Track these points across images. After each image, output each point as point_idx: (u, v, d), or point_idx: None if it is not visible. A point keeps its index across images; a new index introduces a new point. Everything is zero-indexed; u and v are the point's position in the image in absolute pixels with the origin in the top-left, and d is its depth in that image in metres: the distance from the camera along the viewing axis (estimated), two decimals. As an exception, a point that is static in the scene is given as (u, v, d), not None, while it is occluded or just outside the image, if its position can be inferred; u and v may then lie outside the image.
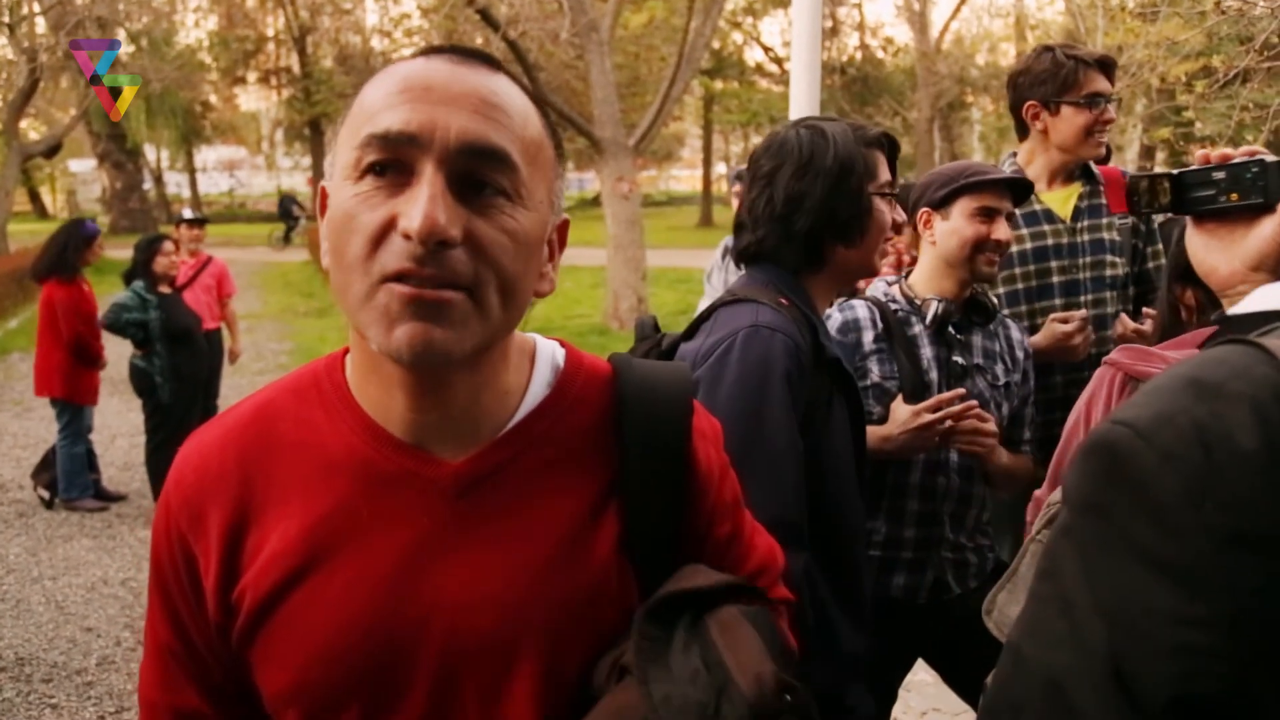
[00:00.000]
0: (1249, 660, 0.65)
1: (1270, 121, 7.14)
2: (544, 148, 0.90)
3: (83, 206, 34.53)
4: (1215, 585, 0.65)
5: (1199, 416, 0.67)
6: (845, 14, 32.47)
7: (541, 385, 0.98)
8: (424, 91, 0.83)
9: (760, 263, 1.76)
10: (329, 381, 0.96)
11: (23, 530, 5.60)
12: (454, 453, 0.92)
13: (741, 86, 30.83)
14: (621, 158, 11.27)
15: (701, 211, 32.63)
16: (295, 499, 0.91)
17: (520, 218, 0.85)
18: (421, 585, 0.89)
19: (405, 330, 0.80)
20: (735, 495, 1.07)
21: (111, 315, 5.60)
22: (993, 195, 2.14)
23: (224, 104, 38.84)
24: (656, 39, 16.53)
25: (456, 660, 0.89)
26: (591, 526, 0.93)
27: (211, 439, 0.97)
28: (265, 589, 0.90)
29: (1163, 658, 0.67)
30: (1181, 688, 0.67)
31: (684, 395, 1.01)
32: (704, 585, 0.92)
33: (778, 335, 1.57)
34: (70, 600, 4.67)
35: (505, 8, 10.93)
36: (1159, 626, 0.67)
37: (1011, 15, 26.96)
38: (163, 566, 0.96)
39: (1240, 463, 0.65)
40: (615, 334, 11.25)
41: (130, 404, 6.54)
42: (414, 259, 0.79)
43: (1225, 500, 0.65)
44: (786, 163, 1.71)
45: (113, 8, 13.68)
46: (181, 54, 27.13)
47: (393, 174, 0.82)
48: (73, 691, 3.81)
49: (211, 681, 0.97)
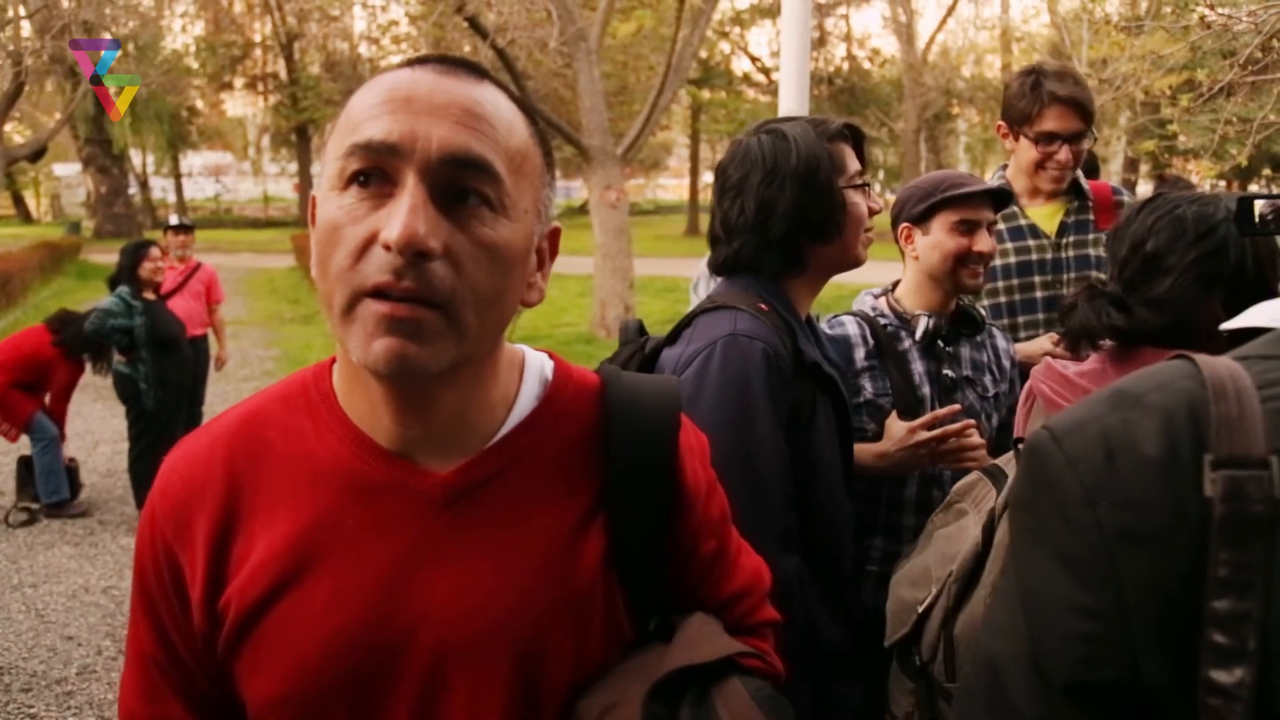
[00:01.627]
0: (1140, 651, 0.71)
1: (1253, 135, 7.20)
2: (530, 156, 0.89)
3: (67, 211, 34.32)
4: (1105, 578, 0.72)
5: (1109, 424, 0.74)
6: (833, 25, 32.68)
7: (530, 397, 0.97)
8: (406, 102, 0.83)
9: (740, 273, 1.75)
10: (317, 391, 0.96)
11: (2, 537, 5.55)
12: (441, 464, 0.92)
13: (729, 96, 30.93)
14: (609, 166, 11.28)
15: (688, 220, 32.66)
16: (282, 508, 0.91)
17: (502, 229, 0.85)
18: (408, 595, 0.89)
19: (382, 345, 0.80)
20: (722, 512, 1.07)
21: (96, 321, 5.54)
22: (972, 207, 2.13)
23: (210, 109, 38.76)
24: (645, 48, 16.57)
25: (442, 670, 0.89)
26: (578, 539, 0.93)
27: (198, 447, 0.96)
28: (251, 598, 0.89)
29: (1064, 644, 0.74)
30: (1080, 674, 0.73)
31: (671, 410, 1.01)
32: (709, 659, 0.91)
33: (756, 343, 1.57)
34: (51, 608, 4.62)
35: (493, 16, 10.93)
36: (1061, 615, 0.74)
37: (997, 28, 27.16)
38: (147, 575, 0.95)
39: (1139, 468, 0.72)
40: (602, 342, 11.24)
41: (114, 410, 6.49)
42: (393, 271, 0.79)
43: (1119, 501, 0.71)
44: (753, 171, 1.71)
45: (99, 12, 13.63)
46: (168, 59, 27.05)
47: (376, 184, 0.82)
48: (53, 701, 3.77)
49: (195, 692, 0.96)
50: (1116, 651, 0.73)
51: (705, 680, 0.90)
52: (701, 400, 1.54)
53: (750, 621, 1.08)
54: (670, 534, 0.99)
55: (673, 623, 0.98)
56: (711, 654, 0.92)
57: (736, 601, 1.07)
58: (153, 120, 28.96)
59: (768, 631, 1.11)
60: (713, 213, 1.82)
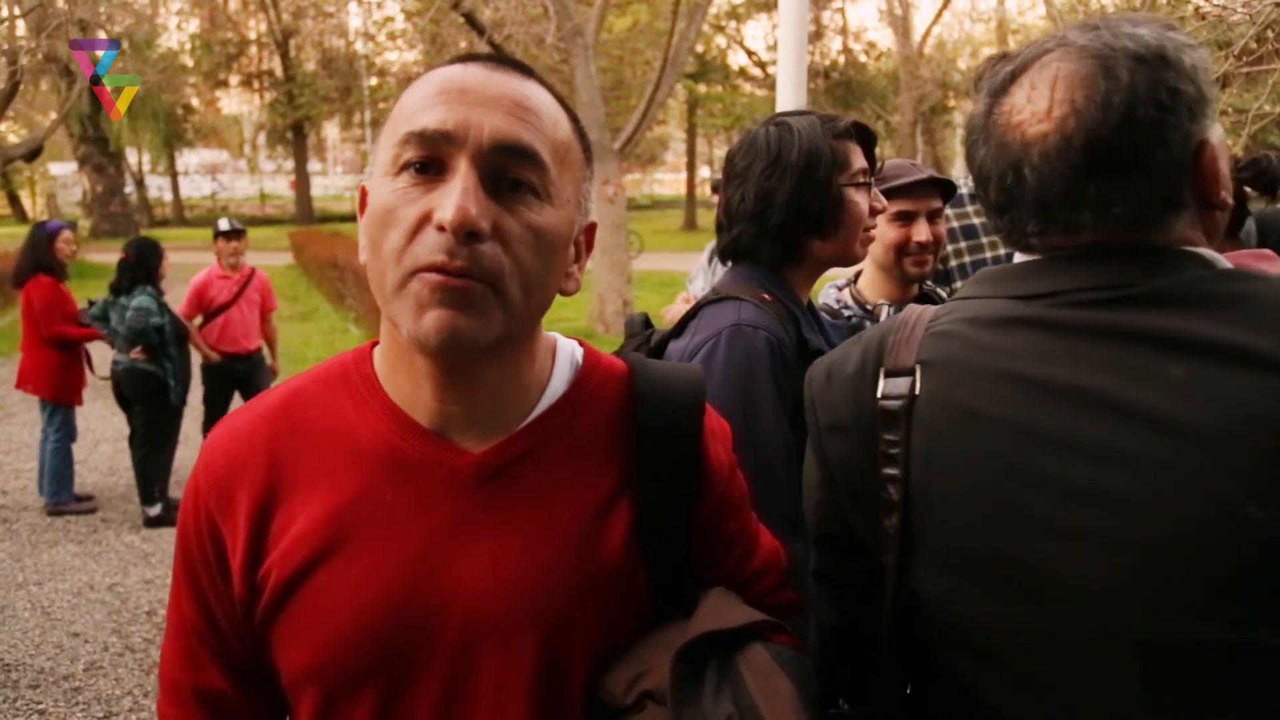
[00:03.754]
0: (847, 510, 1.04)
1: (1249, 126, 7.22)
2: (573, 149, 0.94)
3: (63, 210, 34.23)
4: (822, 460, 1.06)
5: (836, 354, 1.09)
6: (829, 18, 32.62)
7: (561, 381, 1.01)
8: (460, 93, 0.88)
9: (740, 259, 1.79)
10: (358, 373, 0.99)
11: (6, 535, 5.57)
12: (477, 442, 0.95)
13: (725, 90, 30.91)
14: (606, 161, 11.28)
15: (686, 215, 32.67)
16: (322, 483, 0.94)
17: (547, 215, 0.89)
18: (441, 570, 0.92)
19: (433, 317, 0.84)
20: (742, 493, 1.11)
21: (139, 320, 5.47)
22: (911, 198, 2.18)
23: (206, 107, 38.68)
24: (641, 43, 16.57)
25: (473, 643, 0.92)
26: (605, 518, 0.96)
27: (242, 424, 1.00)
28: (290, 568, 0.92)
29: (810, 509, 1.10)
30: (818, 529, 1.09)
31: (697, 394, 1.06)
32: (733, 625, 0.94)
33: (760, 332, 1.60)
34: (56, 605, 4.64)
35: (490, 11, 10.93)
36: (809, 489, 1.10)
37: (993, 20, 27.16)
38: (190, 547, 0.99)
39: (842, 382, 1.05)
40: (601, 337, 11.25)
41: (114, 409, 6.48)
42: (446, 251, 0.83)
43: (827, 404, 1.06)
44: (757, 160, 1.74)
45: (94, 10, 13.59)
46: (164, 57, 26.98)
47: (429, 171, 0.86)
48: (60, 697, 3.79)
49: (234, 660, 0.99)
50: (835, 511, 1.05)
51: (730, 645, 0.93)
52: (707, 390, 1.57)
53: (770, 602, 1.11)
54: (694, 513, 1.02)
55: (695, 599, 1.01)
56: (734, 621, 0.95)
57: (757, 580, 1.11)
58: (148, 118, 28.86)
59: (786, 614, 1.13)
60: (719, 199, 1.86)
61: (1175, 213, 0.94)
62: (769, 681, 0.89)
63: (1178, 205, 0.94)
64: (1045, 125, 0.94)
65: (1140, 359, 0.88)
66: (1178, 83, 0.91)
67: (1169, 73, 0.91)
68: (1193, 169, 0.94)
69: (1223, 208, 0.97)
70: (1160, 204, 0.93)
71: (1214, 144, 0.94)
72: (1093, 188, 0.93)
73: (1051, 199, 0.95)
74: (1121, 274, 0.92)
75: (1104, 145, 0.92)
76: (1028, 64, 0.97)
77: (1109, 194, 0.93)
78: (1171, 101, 0.91)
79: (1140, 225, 0.94)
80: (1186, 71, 0.92)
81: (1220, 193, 0.96)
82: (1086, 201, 0.94)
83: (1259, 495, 0.81)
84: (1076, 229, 0.95)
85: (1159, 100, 0.91)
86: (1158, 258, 0.92)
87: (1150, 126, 0.91)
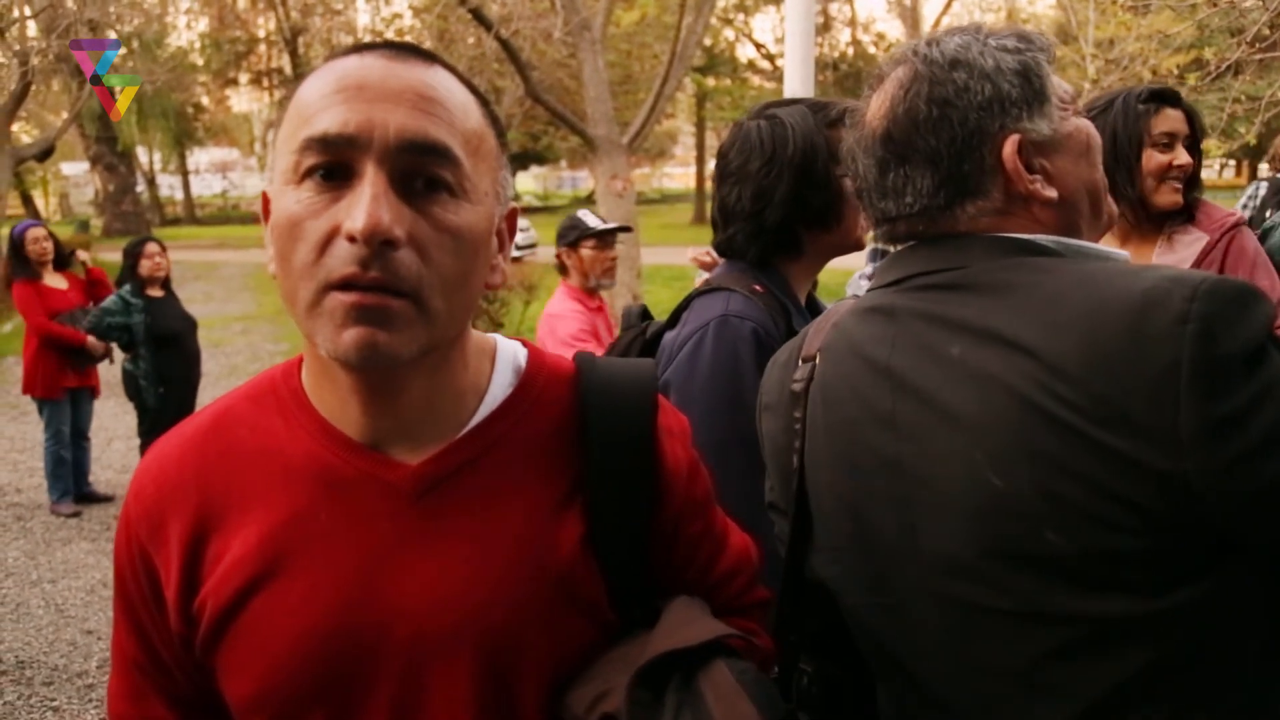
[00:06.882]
0: (783, 475, 1.17)
1: (1262, 113, 7.16)
2: (486, 138, 0.88)
3: (75, 210, 34.43)
4: (760, 437, 1.24)
5: (784, 345, 1.25)
6: (837, 9, 32.54)
7: (502, 386, 0.97)
8: (359, 90, 0.81)
9: (735, 257, 1.77)
10: (286, 388, 0.95)
11: (21, 534, 5.60)
12: (412, 454, 0.91)
13: (734, 83, 30.87)
14: (615, 156, 11.26)
15: (695, 209, 32.62)
16: (255, 506, 0.90)
17: (465, 213, 0.84)
18: (382, 588, 0.88)
19: (352, 335, 0.79)
20: (706, 493, 1.06)
21: (94, 320, 5.63)
22: None
23: (216, 106, 38.79)
24: (649, 36, 16.51)
25: (418, 663, 0.88)
26: (554, 526, 0.92)
27: (170, 449, 0.96)
28: (226, 597, 0.89)
29: (770, 475, 1.23)
30: (769, 497, 1.23)
31: (647, 392, 1.00)
32: (695, 643, 0.90)
33: (746, 323, 1.60)
34: (70, 603, 4.67)
35: (497, 7, 10.91)
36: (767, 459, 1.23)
37: (1003, 10, 26.99)
38: (125, 580, 0.96)
39: (774, 368, 1.23)
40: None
41: (127, 407, 6.53)
42: (359, 262, 0.78)
43: (765, 388, 1.23)
44: (752, 157, 1.71)
45: (104, 10, 13.61)
46: (173, 56, 27.05)
47: (335, 177, 0.81)
48: (74, 694, 3.82)
49: (178, 693, 0.96)
50: (774, 476, 1.20)
51: (691, 663, 0.90)
52: (695, 380, 1.58)
53: (742, 602, 1.08)
54: (652, 517, 0.98)
55: (657, 607, 0.97)
56: (695, 638, 0.91)
57: (727, 582, 1.07)
58: (159, 117, 29.01)
59: (758, 612, 1.11)
60: (713, 196, 1.84)
61: (969, 201, 1.02)
62: (731, 705, 0.86)
63: (972, 194, 1.02)
64: (867, 126, 1.08)
65: (933, 340, 0.98)
66: (969, 82, 1.01)
67: (959, 74, 1.01)
68: (994, 162, 1.01)
69: (1039, 199, 1.02)
70: (950, 193, 1.02)
71: (1026, 139, 1.01)
72: (890, 177, 1.06)
73: (870, 189, 1.09)
74: (933, 260, 1.04)
75: (894, 139, 1.04)
76: (885, 72, 1.09)
77: (901, 184, 1.05)
78: (959, 100, 1.01)
79: (933, 213, 1.04)
80: (987, 73, 1.01)
81: (1027, 185, 1.01)
82: (887, 191, 1.06)
83: (999, 467, 0.90)
84: (887, 217, 1.08)
85: (944, 98, 1.01)
86: (961, 245, 1.03)
87: (933, 122, 1.02)
